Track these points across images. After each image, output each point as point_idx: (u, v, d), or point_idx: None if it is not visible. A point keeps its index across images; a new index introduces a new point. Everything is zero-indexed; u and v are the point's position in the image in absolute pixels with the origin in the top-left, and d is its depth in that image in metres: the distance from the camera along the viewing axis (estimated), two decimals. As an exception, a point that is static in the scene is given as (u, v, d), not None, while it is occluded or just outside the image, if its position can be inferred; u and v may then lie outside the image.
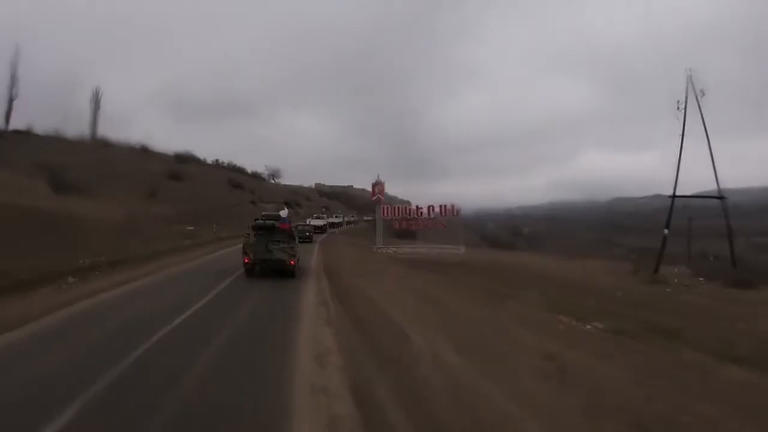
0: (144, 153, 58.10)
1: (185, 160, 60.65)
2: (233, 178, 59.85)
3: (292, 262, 13.81)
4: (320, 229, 40.60)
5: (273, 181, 74.96)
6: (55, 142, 54.55)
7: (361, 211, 75.67)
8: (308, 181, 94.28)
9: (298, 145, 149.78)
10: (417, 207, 23.92)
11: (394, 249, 23.97)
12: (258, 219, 15.08)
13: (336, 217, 56.28)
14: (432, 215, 23.79)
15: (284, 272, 13.78)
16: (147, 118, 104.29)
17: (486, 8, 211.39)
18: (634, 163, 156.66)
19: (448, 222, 23.76)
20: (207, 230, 33.59)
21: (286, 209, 20.47)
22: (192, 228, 32.31)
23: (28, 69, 78.90)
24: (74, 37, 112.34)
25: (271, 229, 14.04)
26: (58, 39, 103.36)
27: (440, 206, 23.61)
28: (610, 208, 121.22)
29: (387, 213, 24.44)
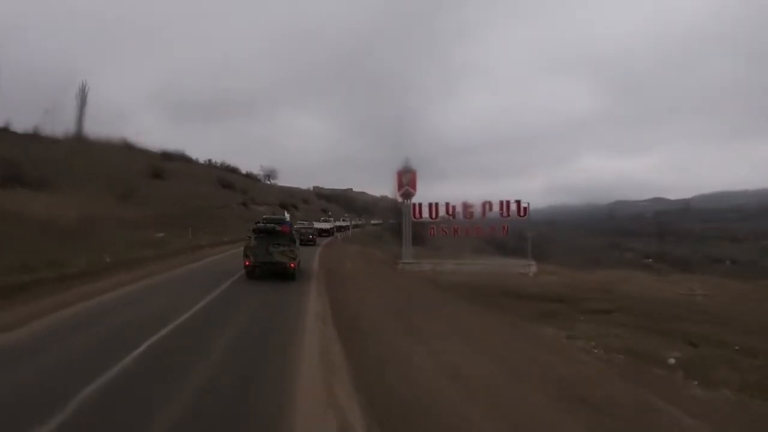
0: (127, 149, 50.18)
1: (173, 158, 52.79)
2: (223, 177, 51.95)
3: (292, 265, 13.07)
4: (327, 232, 37.18)
5: (268, 182, 66.99)
6: (30, 139, 47.78)
7: (360, 215, 68.00)
8: (306, 184, 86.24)
9: (297, 146, 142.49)
10: (465, 205, 16.58)
11: (431, 265, 16.46)
12: (259, 222, 14.46)
13: (343, 220, 49.05)
14: (486, 216, 16.46)
15: (285, 275, 12.93)
16: (145, 118, 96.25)
17: (486, 10, 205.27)
18: (633, 167, 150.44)
19: (512, 226, 16.51)
20: (183, 236, 25.85)
21: (287, 213, 17.36)
22: (162, 234, 24.62)
23: (22, 67, 71.37)
24: (72, 35, 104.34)
25: (271, 232, 13.33)
26: (56, 38, 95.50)
27: (500, 203, 16.31)
28: (611, 211, 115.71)
29: (419, 213, 17.00)
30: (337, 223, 44.44)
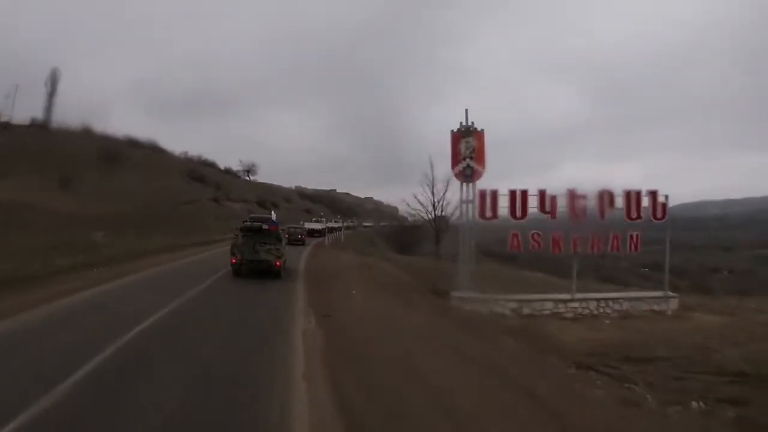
0: (88, 137, 42.06)
1: (141, 146, 44.90)
2: (195, 169, 44.28)
3: (277, 263, 12.94)
4: (318, 233, 35.98)
5: (248, 178, 59.34)
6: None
7: (349, 216, 61.31)
8: (288, 183, 78.86)
9: (281, 146, 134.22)
10: (573, 196, 10.06)
11: (512, 303, 9.82)
12: (246, 221, 14.02)
13: (335, 221, 43.98)
14: (605, 216, 10.14)
15: (270, 273, 12.70)
16: (124, 112, 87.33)
17: (474, 14, 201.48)
18: (613, 174, 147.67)
19: (646, 229, 10.23)
20: (136, 237, 18.92)
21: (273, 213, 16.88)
22: (101, 233, 17.63)
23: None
24: (57, 24, 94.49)
25: (258, 231, 13.06)
26: (37, 27, 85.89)
27: (626, 196, 9.90)
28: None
29: (492, 209, 10.37)
30: (329, 224, 40.06)
